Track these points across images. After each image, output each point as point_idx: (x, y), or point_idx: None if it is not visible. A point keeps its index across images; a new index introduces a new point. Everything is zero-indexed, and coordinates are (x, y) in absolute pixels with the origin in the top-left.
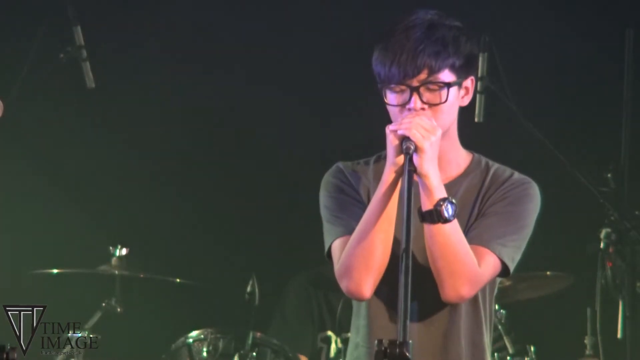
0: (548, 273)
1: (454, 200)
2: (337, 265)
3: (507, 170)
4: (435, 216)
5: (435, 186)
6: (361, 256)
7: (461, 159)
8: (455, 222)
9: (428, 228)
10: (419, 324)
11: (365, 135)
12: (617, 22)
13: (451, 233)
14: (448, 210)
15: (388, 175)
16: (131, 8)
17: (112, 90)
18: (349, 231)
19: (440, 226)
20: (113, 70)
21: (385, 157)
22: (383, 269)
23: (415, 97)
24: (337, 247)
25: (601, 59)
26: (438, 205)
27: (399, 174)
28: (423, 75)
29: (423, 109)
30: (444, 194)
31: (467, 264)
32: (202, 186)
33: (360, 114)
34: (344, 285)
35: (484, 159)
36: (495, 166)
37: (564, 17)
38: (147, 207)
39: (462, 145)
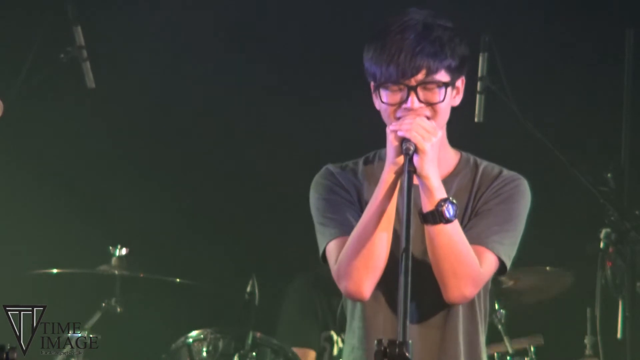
0: (548, 268)
1: (454, 201)
2: (335, 267)
3: (496, 167)
4: (437, 217)
5: (435, 187)
6: (361, 256)
7: (450, 157)
8: (456, 222)
9: (430, 229)
10: (417, 324)
11: (366, 135)
12: (617, 22)
13: (453, 233)
14: (449, 210)
15: (387, 175)
16: (131, 8)
17: (112, 90)
18: (343, 232)
19: (442, 227)
20: (113, 70)
21: (373, 158)
22: (382, 269)
23: (412, 96)
24: (333, 249)
25: (601, 59)
26: (439, 205)
27: (399, 174)
28: (421, 75)
29: (420, 108)
30: (444, 195)
31: (469, 264)
32: (202, 186)
33: (361, 114)
34: (343, 286)
35: (471, 157)
36: (484, 164)
37: (564, 17)
38: (147, 207)
39: (463, 145)
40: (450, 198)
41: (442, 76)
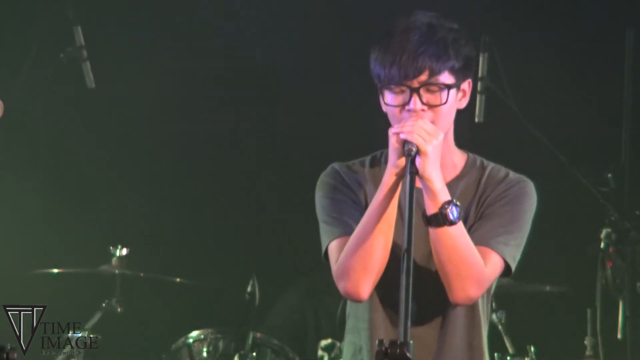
0: (547, 289)
1: (458, 203)
2: (335, 266)
3: (502, 170)
4: (440, 219)
5: (439, 189)
6: (360, 258)
7: (457, 160)
8: (460, 224)
9: (434, 232)
10: (416, 325)
11: (366, 135)
12: (617, 22)
13: (457, 235)
14: (453, 212)
15: (389, 177)
16: (131, 8)
17: (112, 90)
18: (346, 232)
19: (446, 229)
20: (113, 70)
21: (380, 157)
22: (382, 270)
23: (415, 98)
24: (335, 248)
25: (601, 59)
26: (443, 208)
27: (400, 176)
28: (424, 77)
29: (423, 110)
30: (448, 197)
31: (474, 265)
32: (203, 186)
33: (363, 115)
34: (341, 286)
35: (478, 159)
36: (490, 166)
37: (564, 17)
38: (147, 207)
39: (463, 145)
40: (454, 200)
41: (446, 78)
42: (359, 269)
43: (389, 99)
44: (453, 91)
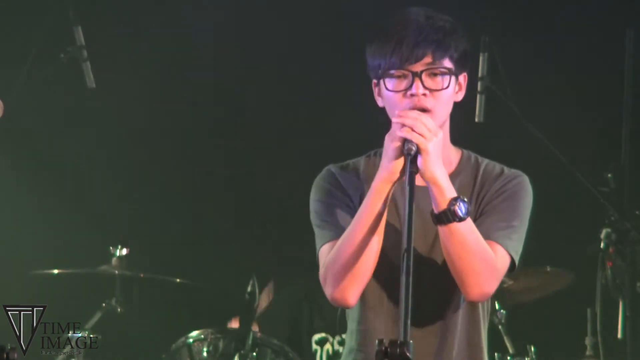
0: (548, 269)
1: (465, 199)
2: (322, 270)
3: (497, 166)
4: (450, 216)
5: (445, 187)
6: (347, 265)
7: (452, 156)
8: (469, 220)
9: (443, 230)
10: (415, 324)
11: (366, 135)
12: (617, 22)
13: (467, 231)
14: (461, 208)
15: (378, 183)
16: (131, 8)
17: (112, 90)
18: (337, 235)
19: (455, 226)
20: (113, 70)
21: (375, 157)
22: (369, 276)
23: (417, 82)
24: (324, 252)
25: (601, 59)
26: (451, 204)
27: (390, 181)
28: (427, 59)
29: (424, 94)
30: (454, 193)
31: (486, 260)
32: (203, 186)
33: (363, 115)
34: (327, 292)
35: (472, 155)
36: (485, 162)
37: (564, 17)
38: (147, 207)
39: (463, 145)
40: (461, 196)
41: (447, 64)
42: (346, 274)
43: (390, 85)
44: (453, 78)
